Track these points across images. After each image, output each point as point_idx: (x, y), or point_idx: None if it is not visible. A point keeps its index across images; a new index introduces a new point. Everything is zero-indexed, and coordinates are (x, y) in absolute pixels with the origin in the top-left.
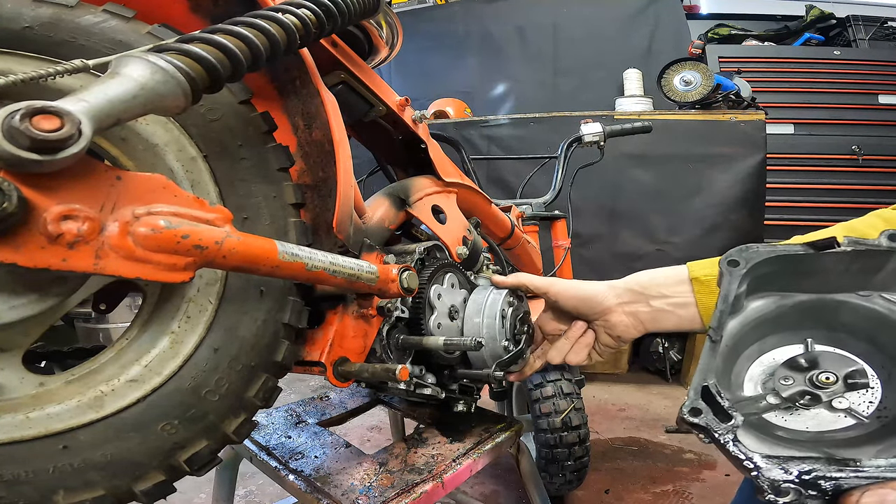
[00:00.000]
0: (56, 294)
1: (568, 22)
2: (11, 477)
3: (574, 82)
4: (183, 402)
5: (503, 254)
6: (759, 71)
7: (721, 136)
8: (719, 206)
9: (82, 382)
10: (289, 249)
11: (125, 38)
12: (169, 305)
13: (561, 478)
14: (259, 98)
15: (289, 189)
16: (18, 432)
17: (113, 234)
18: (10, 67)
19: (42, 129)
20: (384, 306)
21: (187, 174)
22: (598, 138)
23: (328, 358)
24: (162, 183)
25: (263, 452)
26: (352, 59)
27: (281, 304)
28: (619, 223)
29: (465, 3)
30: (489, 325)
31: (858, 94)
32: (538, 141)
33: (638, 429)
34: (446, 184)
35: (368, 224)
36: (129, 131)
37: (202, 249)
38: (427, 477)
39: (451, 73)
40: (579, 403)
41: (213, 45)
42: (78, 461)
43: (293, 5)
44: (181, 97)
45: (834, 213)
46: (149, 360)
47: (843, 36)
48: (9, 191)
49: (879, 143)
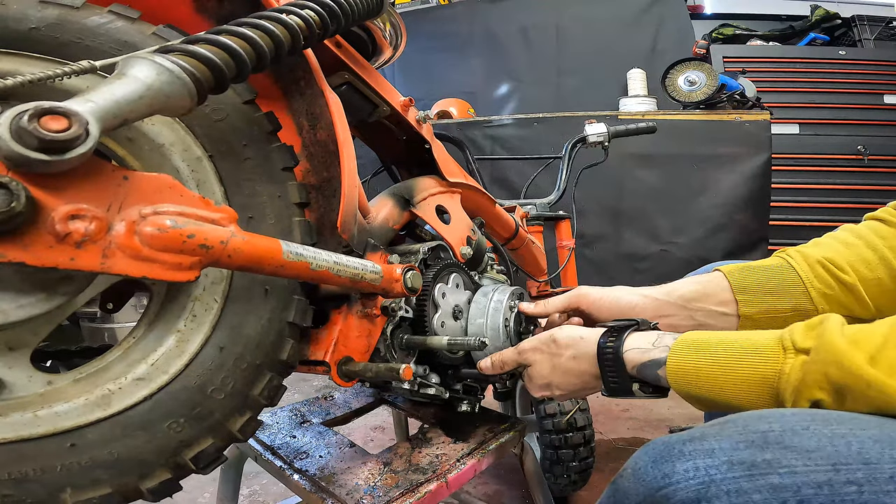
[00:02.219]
0: (63, 293)
1: (571, 22)
2: (20, 475)
3: (578, 82)
4: (189, 401)
5: (507, 254)
6: (764, 71)
7: (726, 136)
8: (724, 206)
9: (90, 381)
10: (293, 249)
11: (131, 38)
12: (175, 304)
13: (565, 479)
14: (264, 98)
15: (293, 189)
16: (27, 430)
17: (120, 234)
18: (17, 68)
19: (50, 130)
20: (388, 306)
21: (193, 174)
22: (602, 139)
23: (332, 357)
24: (168, 183)
25: (268, 452)
26: (356, 60)
27: (286, 303)
28: (624, 223)
29: (468, 4)
30: (493, 326)
31: (864, 94)
32: (542, 141)
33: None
34: (450, 184)
35: (372, 224)
36: (136, 132)
37: (207, 249)
38: (431, 477)
39: (455, 73)
40: (584, 404)
41: (219, 46)
42: (85, 459)
43: (297, 6)
44: (187, 98)
45: (839, 213)
46: (155, 358)
47: (848, 36)
48: (17, 190)
49: (885, 143)
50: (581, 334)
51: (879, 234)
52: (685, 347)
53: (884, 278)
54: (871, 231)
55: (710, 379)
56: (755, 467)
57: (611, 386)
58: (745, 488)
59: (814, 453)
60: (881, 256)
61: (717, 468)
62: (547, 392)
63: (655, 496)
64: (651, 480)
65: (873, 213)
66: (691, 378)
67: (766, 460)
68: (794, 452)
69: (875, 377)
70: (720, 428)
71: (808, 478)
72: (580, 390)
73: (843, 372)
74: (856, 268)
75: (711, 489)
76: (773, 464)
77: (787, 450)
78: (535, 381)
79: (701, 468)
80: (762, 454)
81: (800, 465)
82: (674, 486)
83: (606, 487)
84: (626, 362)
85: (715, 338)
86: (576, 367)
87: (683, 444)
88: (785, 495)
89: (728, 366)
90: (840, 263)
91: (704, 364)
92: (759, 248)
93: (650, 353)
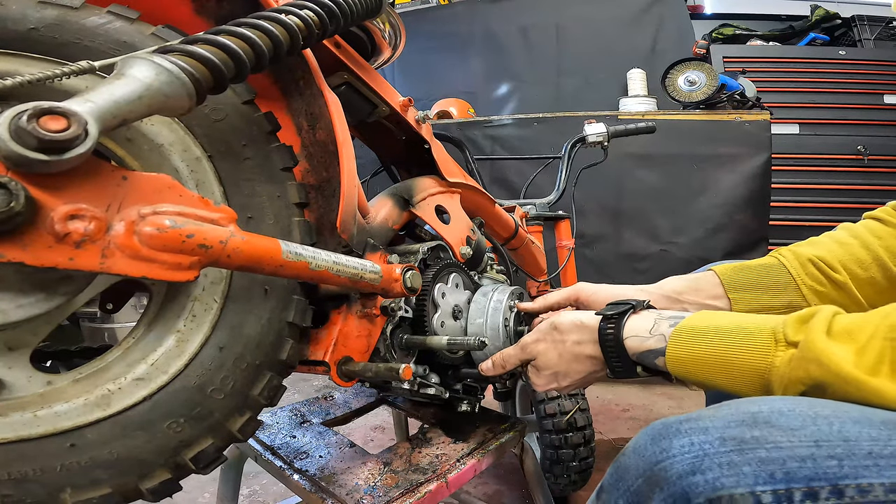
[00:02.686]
0: (63, 293)
1: (571, 22)
2: (19, 475)
3: (577, 82)
4: (189, 401)
5: (507, 254)
6: (764, 71)
7: (726, 136)
8: (724, 206)
9: (89, 381)
10: (293, 249)
11: (130, 39)
12: (174, 304)
13: (565, 479)
14: (263, 98)
15: (293, 189)
16: (26, 430)
17: (119, 234)
18: (16, 69)
19: (49, 130)
20: (388, 306)
21: (192, 174)
22: (601, 138)
23: (332, 357)
24: (167, 183)
25: (268, 452)
26: (355, 60)
27: (285, 303)
28: (623, 223)
29: (468, 4)
30: (493, 325)
31: (864, 94)
32: (542, 141)
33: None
34: (450, 184)
35: (372, 224)
36: (135, 132)
37: (207, 248)
38: (431, 477)
39: (455, 73)
40: (584, 404)
41: (218, 46)
42: (85, 459)
43: (296, 6)
44: (186, 98)
45: (839, 213)
46: (155, 358)
47: (848, 36)
48: (16, 190)
49: (885, 143)
50: (581, 318)
51: (876, 233)
52: (682, 336)
53: (877, 277)
54: (868, 230)
55: (706, 368)
56: (745, 443)
57: (616, 370)
58: (735, 461)
59: (798, 431)
60: (875, 256)
61: (710, 443)
62: (554, 383)
63: (654, 469)
64: (650, 455)
65: (872, 213)
66: (689, 367)
67: (755, 437)
68: (779, 430)
69: (853, 376)
70: (715, 410)
71: (793, 452)
72: (586, 376)
73: (823, 370)
74: (848, 267)
75: (705, 462)
76: (761, 440)
77: (774, 428)
78: (542, 371)
79: (696, 443)
80: (751, 431)
81: (784, 441)
82: (670, 460)
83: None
84: (627, 349)
85: (712, 323)
86: (581, 351)
87: (680, 423)
88: (772, 468)
89: (723, 356)
90: (831, 262)
91: (700, 353)
92: (759, 248)
93: (648, 342)
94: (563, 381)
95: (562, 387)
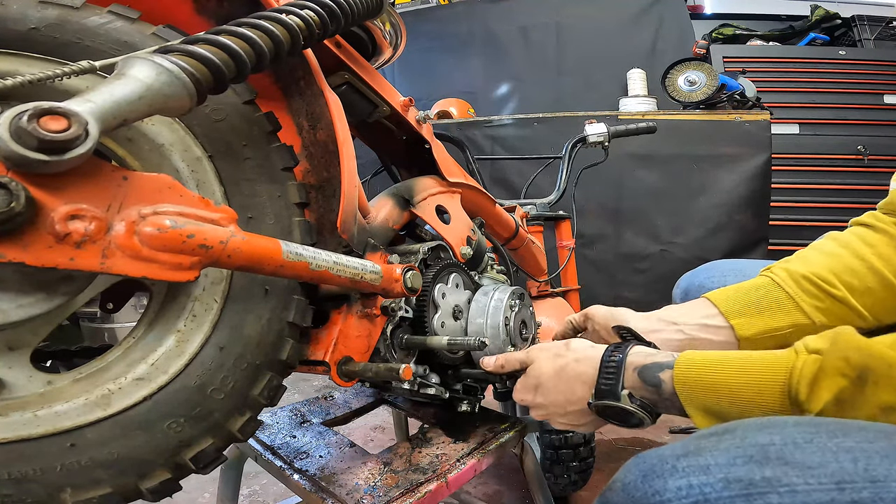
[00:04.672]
0: (63, 293)
1: (571, 22)
2: (19, 475)
3: (578, 82)
4: (189, 401)
5: (507, 254)
6: (764, 71)
7: (726, 136)
8: (724, 206)
9: (90, 381)
10: (293, 249)
11: (130, 39)
12: (175, 304)
13: (565, 479)
14: (263, 98)
15: (293, 189)
16: (26, 430)
17: (119, 234)
18: (16, 69)
19: (49, 130)
20: (388, 306)
21: (193, 174)
22: (602, 139)
23: (332, 357)
24: (168, 183)
25: (268, 452)
26: (356, 60)
27: (286, 303)
28: (624, 223)
29: (468, 4)
30: (493, 325)
31: (864, 93)
32: (542, 141)
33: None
34: (450, 184)
35: (372, 224)
36: (135, 132)
37: (207, 249)
38: (431, 476)
39: (455, 73)
40: None
41: (218, 46)
42: (85, 459)
43: (297, 6)
44: (186, 98)
45: (839, 213)
46: (155, 358)
47: (848, 36)
48: (16, 191)
49: (885, 143)
50: (592, 345)
51: (866, 241)
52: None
53: (874, 287)
54: (858, 238)
55: (717, 376)
56: (753, 486)
57: (601, 389)
58: None
59: (816, 470)
60: (869, 266)
61: (711, 486)
62: (529, 396)
63: None
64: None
65: (858, 219)
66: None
67: (766, 478)
68: (795, 469)
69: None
70: (717, 440)
71: (810, 497)
72: (562, 403)
73: (863, 354)
74: (843, 279)
75: None
76: (773, 482)
77: (788, 466)
78: (528, 379)
79: (695, 486)
80: (761, 471)
81: (801, 484)
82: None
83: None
84: (628, 365)
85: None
86: (574, 369)
87: (677, 458)
88: None
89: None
90: (827, 277)
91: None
92: (759, 249)
93: (656, 356)
94: (538, 398)
95: (534, 404)
